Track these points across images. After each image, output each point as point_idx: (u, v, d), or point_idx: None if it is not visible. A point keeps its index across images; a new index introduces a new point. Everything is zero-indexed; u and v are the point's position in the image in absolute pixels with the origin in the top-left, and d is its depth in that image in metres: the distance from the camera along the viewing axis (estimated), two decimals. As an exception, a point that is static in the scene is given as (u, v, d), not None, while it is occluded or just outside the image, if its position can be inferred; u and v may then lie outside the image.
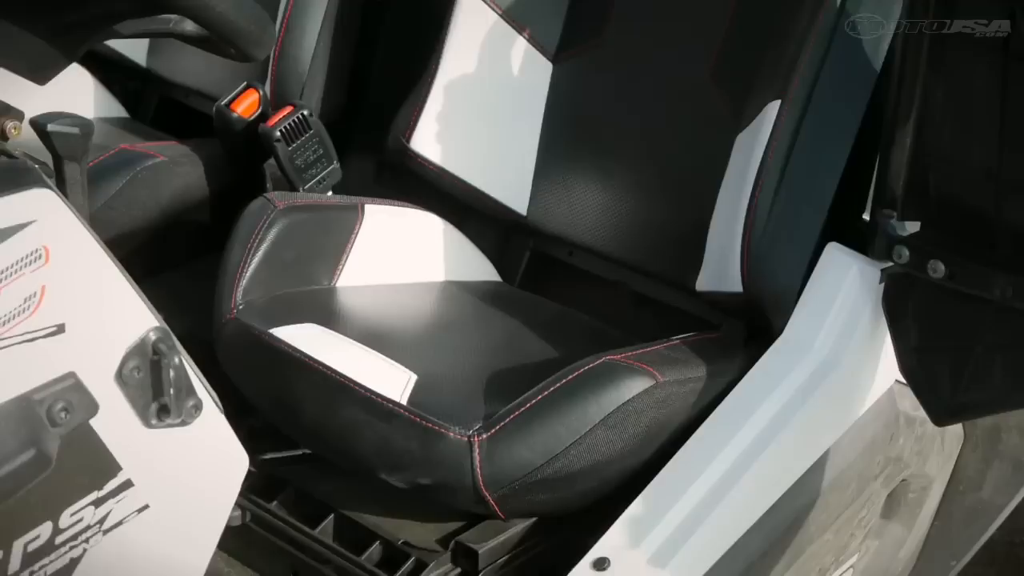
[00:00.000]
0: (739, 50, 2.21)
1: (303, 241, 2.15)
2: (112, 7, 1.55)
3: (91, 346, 1.42)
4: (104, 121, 2.78)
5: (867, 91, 2.05)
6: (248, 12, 1.52)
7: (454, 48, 2.33)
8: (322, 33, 2.53)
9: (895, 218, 1.92)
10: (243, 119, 2.36)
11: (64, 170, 1.66)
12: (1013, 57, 1.73)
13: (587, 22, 2.35)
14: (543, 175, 2.37)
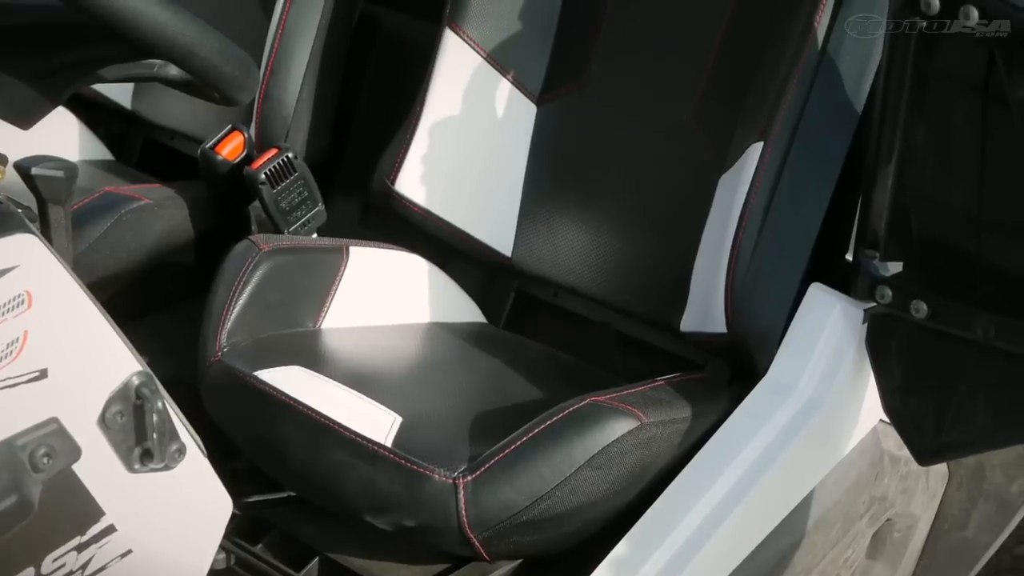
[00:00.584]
0: (722, 92, 2.22)
1: (288, 283, 2.15)
2: (97, 52, 1.55)
3: (74, 391, 1.42)
4: (89, 164, 2.78)
5: (849, 132, 2.06)
6: (232, 57, 1.52)
7: (438, 90, 2.33)
8: (307, 76, 2.53)
9: (877, 258, 1.93)
10: (228, 162, 2.36)
11: (48, 213, 1.66)
12: (992, 98, 1.74)
13: (570, 64, 2.36)
14: (527, 216, 2.37)
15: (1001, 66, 1.70)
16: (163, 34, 1.44)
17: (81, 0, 1.40)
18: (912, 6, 1.77)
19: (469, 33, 2.33)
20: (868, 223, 1.93)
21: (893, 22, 1.82)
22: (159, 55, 1.49)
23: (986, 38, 1.71)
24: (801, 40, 2.03)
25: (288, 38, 2.52)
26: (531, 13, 2.36)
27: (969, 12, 1.71)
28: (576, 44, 2.36)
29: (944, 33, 1.76)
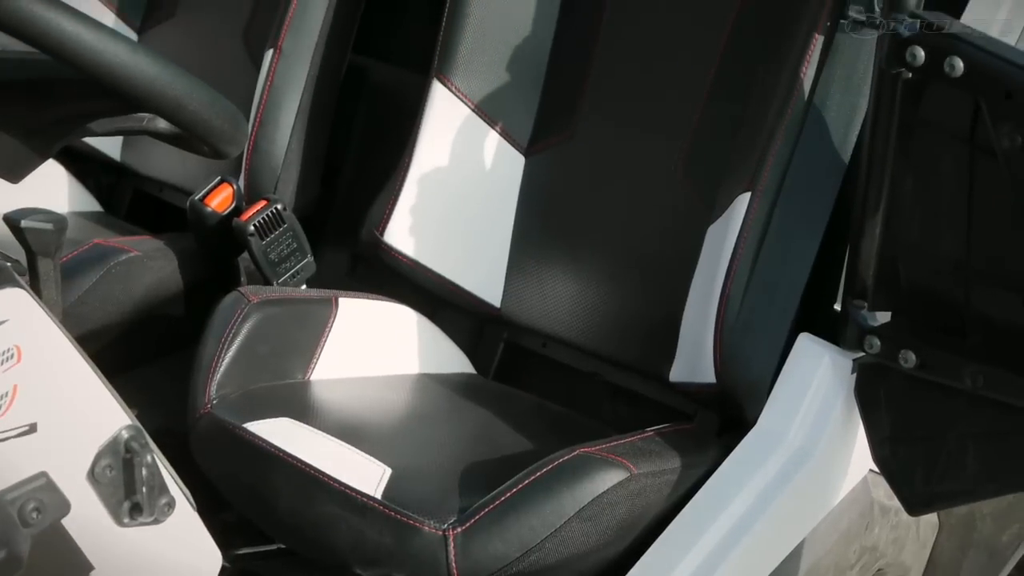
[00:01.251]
0: (709, 143, 2.23)
1: (277, 335, 2.15)
2: (86, 106, 1.56)
3: (63, 445, 1.42)
4: (78, 215, 2.78)
5: (836, 182, 2.07)
6: (221, 110, 1.53)
7: (427, 142, 2.34)
8: (295, 128, 2.54)
9: (866, 308, 1.93)
10: (217, 213, 2.37)
11: (37, 266, 1.66)
12: (979, 148, 1.74)
13: (558, 116, 2.37)
14: (516, 267, 2.38)
15: (987, 116, 1.71)
16: (152, 88, 1.45)
17: (70, 54, 1.41)
18: (898, 57, 1.78)
19: (457, 85, 2.34)
20: (856, 273, 1.93)
21: (879, 73, 1.83)
22: (148, 109, 1.49)
23: (972, 89, 1.72)
24: (788, 91, 2.04)
25: (276, 90, 2.53)
26: (519, 65, 2.37)
27: (954, 63, 1.72)
28: (564, 95, 2.37)
29: (930, 84, 1.77)
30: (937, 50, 1.74)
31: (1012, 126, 1.68)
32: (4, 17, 1.38)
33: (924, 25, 1.78)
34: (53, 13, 1.39)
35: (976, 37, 1.75)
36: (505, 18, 2.37)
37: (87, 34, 1.40)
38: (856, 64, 2.06)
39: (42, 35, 1.39)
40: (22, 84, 1.54)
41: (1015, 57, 1.71)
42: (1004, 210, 1.76)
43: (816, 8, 2.05)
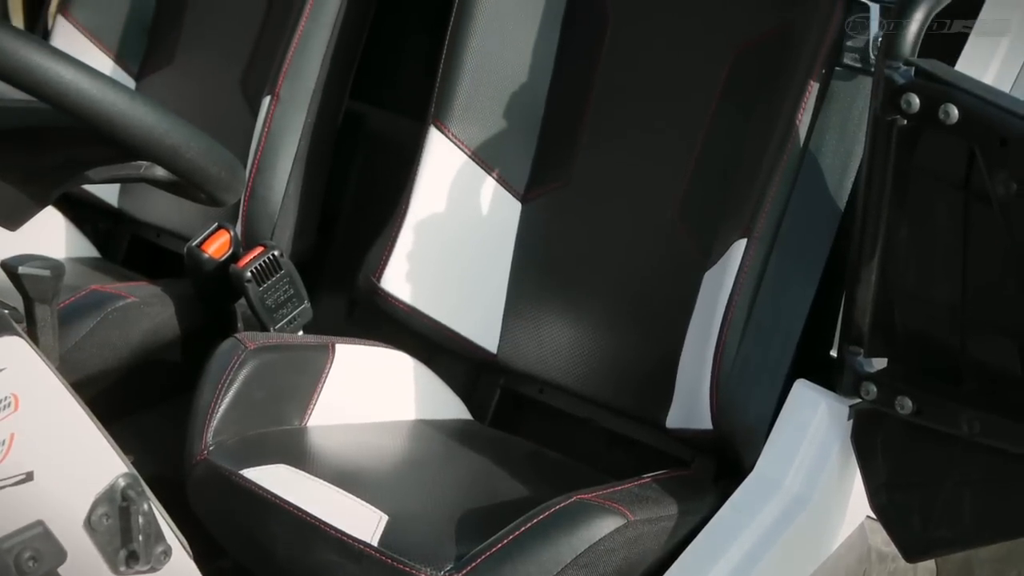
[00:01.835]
0: (705, 189, 2.23)
1: (274, 381, 2.15)
2: (84, 154, 1.56)
3: (60, 493, 1.42)
4: (75, 261, 2.78)
5: (832, 229, 2.07)
6: (219, 158, 1.53)
7: (424, 188, 2.35)
8: (293, 173, 2.55)
9: (862, 354, 1.93)
10: (214, 260, 2.37)
11: (35, 312, 1.66)
12: (973, 195, 1.75)
13: (554, 162, 2.38)
14: (513, 313, 2.38)
15: (982, 163, 1.72)
16: (150, 136, 1.45)
17: (69, 103, 1.41)
18: (893, 104, 1.79)
19: (454, 131, 2.35)
20: (852, 319, 1.93)
21: (874, 120, 1.83)
22: (146, 157, 1.49)
23: (967, 136, 1.73)
24: (784, 137, 2.04)
25: (274, 137, 2.53)
26: (515, 111, 2.38)
27: (949, 110, 1.73)
28: (560, 142, 2.38)
29: (925, 131, 1.78)
30: (932, 97, 1.75)
31: (1007, 173, 1.69)
32: (3, 66, 1.38)
33: (919, 72, 1.79)
34: (52, 62, 1.39)
35: (971, 84, 1.76)
36: (502, 65, 2.38)
37: (86, 83, 1.41)
38: (851, 110, 2.07)
39: (41, 84, 1.39)
40: (21, 132, 1.54)
41: (1010, 104, 1.72)
42: (999, 256, 1.76)
43: (812, 55, 2.06)
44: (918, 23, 1.82)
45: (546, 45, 2.41)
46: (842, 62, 2.05)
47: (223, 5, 2.83)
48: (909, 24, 1.82)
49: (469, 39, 2.36)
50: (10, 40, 1.38)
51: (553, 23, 2.41)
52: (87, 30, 2.90)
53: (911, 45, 1.82)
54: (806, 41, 2.08)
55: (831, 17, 2.04)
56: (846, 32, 2.04)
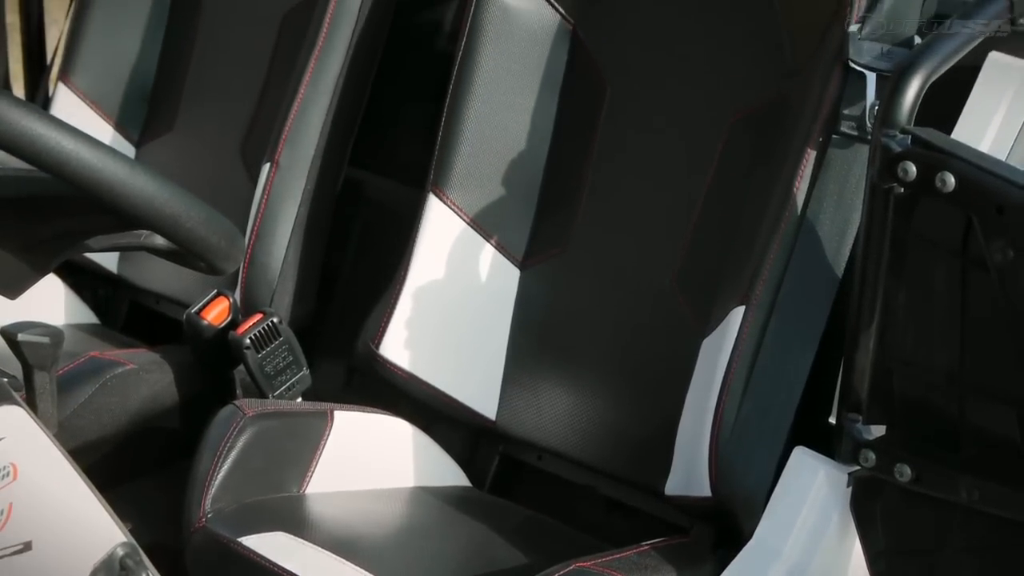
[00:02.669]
0: (703, 256, 2.24)
1: (272, 448, 2.15)
2: (84, 223, 1.57)
3: (58, 563, 1.42)
4: (74, 328, 2.79)
5: (830, 296, 2.08)
6: (218, 228, 1.54)
7: (422, 254, 2.36)
8: (292, 240, 2.55)
9: (860, 421, 1.93)
10: (213, 327, 2.37)
11: (34, 379, 1.66)
12: (971, 263, 1.75)
13: (553, 229, 2.39)
14: (512, 380, 2.38)
15: (979, 231, 1.72)
16: (150, 206, 1.45)
17: (69, 173, 1.42)
18: (890, 172, 1.79)
19: (452, 198, 2.36)
20: (851, 386, 1.93)
21: (871, 188, 1.84)
22: (146, 226, 1.50)
23: (963, 204, 1.74)
24: (781, 205, 2.05)
25: (273, 204, 2.54)
26: (514, 179, 2.39)
27: (946, 179, 1.74)
28: (559, 209, 2.39)
29: (922, 199, 1.79)
30: (928, 166, 1.76)
31: (1004, 241, 1.69)
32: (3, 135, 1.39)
33: (915, 141, 1.80)
34: (53, 131, 1.40)
35: (967, 152, 1.77)
36: (501, 132, 2.39)
37: (86, 152, 1.41)
38: (848, 178, 2.07)
39: (42, 153, 1.40)
40: (21, 201, 1.55)
41: (1006, 173, 1.72)
42: (997, 324, 1.76)
43: (809, 123, 2.07)
44: (914, 92, 1.83)
45: (544, 112, 2.43)
46: (839, 130, 2.06)
47: (223, 72, 2.85)
48: (905, 93, 1.83)
49: (468, 106, 2.38)
50: (11, 109, 1.39)
51: (551, 90, 2.43)
52: (88, 97, 2.91)
53: (907, 113, 1.83)
54: (803, 109, 2.09)
55: (828, 86, 2.06)
56: (843, 100, 2.06)
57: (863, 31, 2.04)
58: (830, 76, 2.06)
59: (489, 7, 2.39)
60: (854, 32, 2.04)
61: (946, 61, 1.88)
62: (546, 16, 2.42)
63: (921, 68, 1.85)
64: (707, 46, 2.30)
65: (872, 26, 2.04)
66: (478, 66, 2.39)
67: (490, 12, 2.40)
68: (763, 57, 2.23)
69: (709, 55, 2.30)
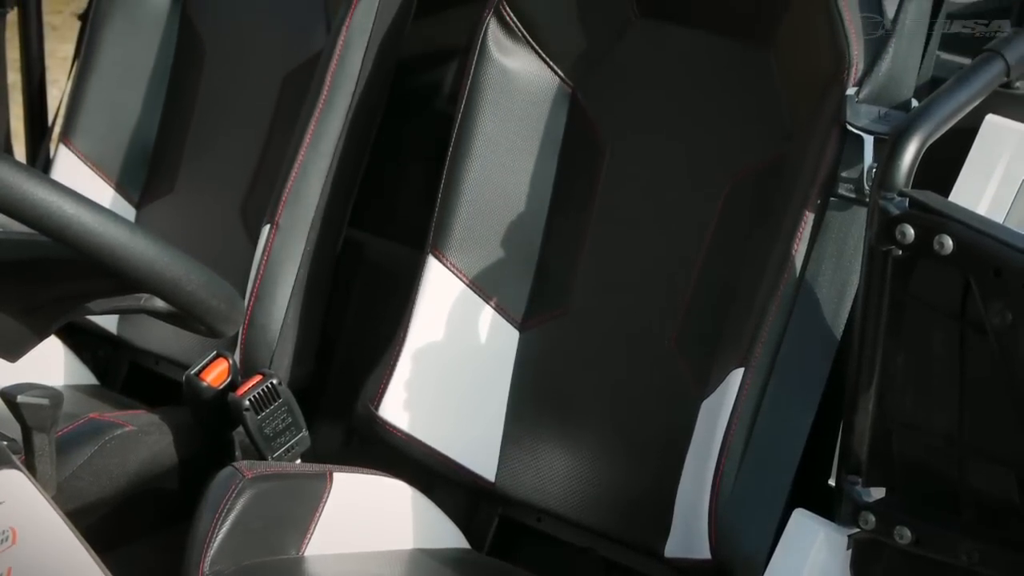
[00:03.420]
0: (702, 318, 2.24)
1: (271, 510, 2.15)
2: (84, 287, 1.57)
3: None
4: (74, 389, 2.79)
5: (829, 358, 2.08)
6: (218, 291, 1.54)
7: (422, 316, 2.36)
8: (292, 302, 2.56)
9: (860, 484, 1.93)
10: (212, 388, 2.37)
11: (33, 441, 1.67)
12: (969, 325, 1.76)
13: (552, 291, 2.39)
14: (511, 441, 2.38)
15: (976, 294, 1.73)
16: (150, 270, 1.46)
17: (71, 237, 1.42)
18: (888, 235, 1.80)
19: (452, 260, 2.37)
20: (850, 448, 1.93)
21: (869, 250, 1.85)
22: (146, 290, 1.51)
23: (961, 267, 1.74)
24: (780, 267, 2.06)
25: (273, 265, 2.55)
26: (513, 240, 2.39)
27: (943, 241, 1.74)
28: (558, 271, 2.40)
29: (920, 261, 1.79)
30: (926, 228, 1.77)
31: (1002, 304, 1.70)
32: (4, 199, 1.40)
33: (913, 203, 1.80)
34: (54, 196, 1.41)
35: (965, 215, 1.78)
36: (500, 193, 2.40)
37: (87, 216, 1.42)
38: (847, 240, 2.08)
39: (43, 217, 1.41)
40: (22, 264, 1.56)
41: (1003, 235, 1.73)
42: (995, 386, 1.76)
43: (807, 185, 2.08)
44: (911, 155, 1.84)
45: (544, 174, 2.44)
46: (837, 192, 2.07)
47: (224, 133, 2.86)
48: (903, 156, 1.84)
49: (467, 168, 2.39)
50: (11, 173, 1.39)
51: (551, 152, 2.44)
52: (89, 158, 2.92)
53: (905, 176, 1.84)
54: (801, 171, 2.10)
55: (826, 148, 2.07)
56: (841, 163, 2.06)
57: (860, 94, 2.05)
58: (828, 138, 2.07)
59: (489, 69, 2.41)
60: (851, 95, 2.05)
61: (943, 124, 1.89)
62: (545, 78, 2.43)
63: (918, 131, 1.86)
64: (706, 108, 2.32)
65: (869, 89, 2.06)
66: (478, 128, 2.40)
67: (490, 74, 2.41)
68: (761, 119, 2.24)
69: (708, 117, 2.31)
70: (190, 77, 2.94)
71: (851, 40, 2.08)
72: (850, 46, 2.08)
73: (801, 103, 2.18)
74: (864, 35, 2.09)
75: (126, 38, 2.96)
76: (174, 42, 2.98)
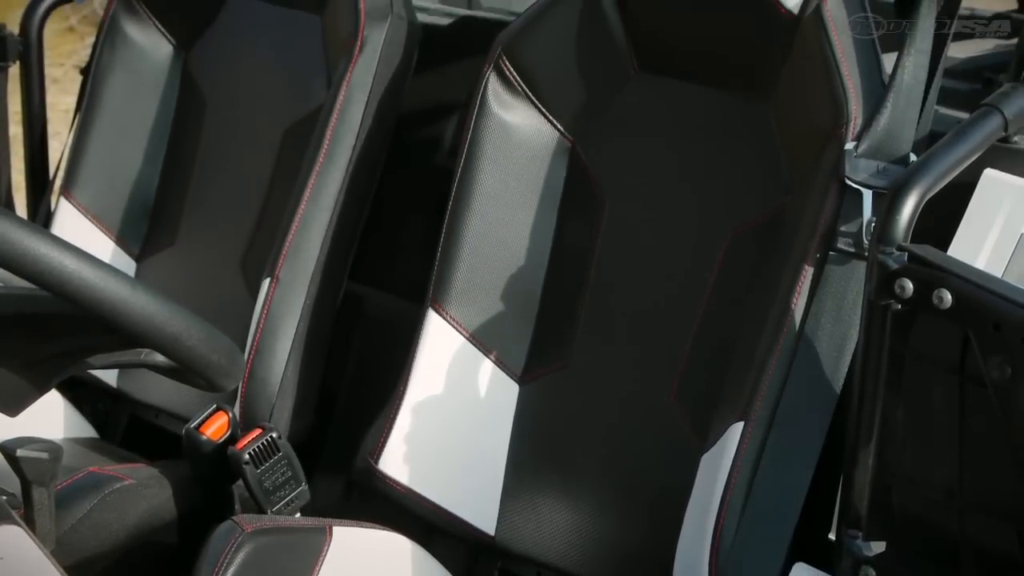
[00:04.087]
0: (702, 372, 2.25)
1: (271, 564, 2.14)
2: (85, 342, 1.58)
3: None
4: (73, 442, 2.78)
5: (829, 411, 2.08)
6: (218, 345, 1.55)
7: (422, 369, 2.36)
8: (292, 356, 2.56)
9: (860, 538, 1.92)
10: (212, 442, 2.37)
11: (32, 495, 1.66)
12: (968, 379, 1.76)
13: (552, 345, 2.40)
14: (511, 495, 2.38)
15: (976, 348, 1.73)
16: (151, 325, 1.47)
17: (71, 292, 1.43)
18: (887, 289, 1.80)
19: (452, 314, 2.37)
20: (850, 502, 1.93)
21: (868, 305, 1.85)
22: (146, 345, 1.51)
23: (960, 321, 1.75)
24: (779, 321, 2.06)
25: (273, 319, 2.55)
26: (513, 294, 2.40)
27: (942, 295, 1.75)
28: (558, 324, 2.40)
29: (919, 315, 1.79)
30: (925, 283, 1.77)
31: (1001, 358, 1.70)
32: (5, 255, 1.40)
33: (912, 258, 1.81)
34: (55, 251, 1.41)
35: (963, 269, 1.78)
36: (500, 247, 2.41)
37: (88, 272, 1.42)
38: (846, 294, 2.08)
39: (44, 273, 1.41)
40: (23, 319, 1.56)
41: (1002, 289, 1.73)
42: (995, 440, 1.76)
43: (806, 239, 2.08)
44: (910, 209, 1.85)
45: (544, 227, 2.44)
46: (836, 246, 2.07)
47: (224, 187, 2.87)
48: (901, 211, 1.84)
49: (467, 222, 2.40)
50: (12, 229, 1.40)
51: (551, 206, 2.45)
52: (89, 212, 2.93)
53: (903, 231, 1.84)
54: (800, 225, 2.11)
55: (825, 202, 2.07)
56: (839, 217, 2.07)
57: (859, 148, 2.06)
58: (827, 193, 2.07)
59: (489, 124, 2.42)
60: (850, 149, 2.06)
61: (941, 179, 1.90)
62: (545, 133, 2.44)
63: (917, 186, 1.87)
64: (705, 162, 2.33)
65: (868, 143, 2.06)
66: (478, 182, 2.41)
67: (490, 128, 2.42)
68: (761, 173, 2.25)
69: (707, 171, 2.32)
70: (191, 130, 2.95)
71: (849, 95, 2.09)
72: (848, 101, 2.08)
73: (800, 157, 2.19)
74: (862, 90, 2.10)
75: (127, 91, 2.98)
76: (175, 96, 2.99)
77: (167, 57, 2.99)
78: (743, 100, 2.29)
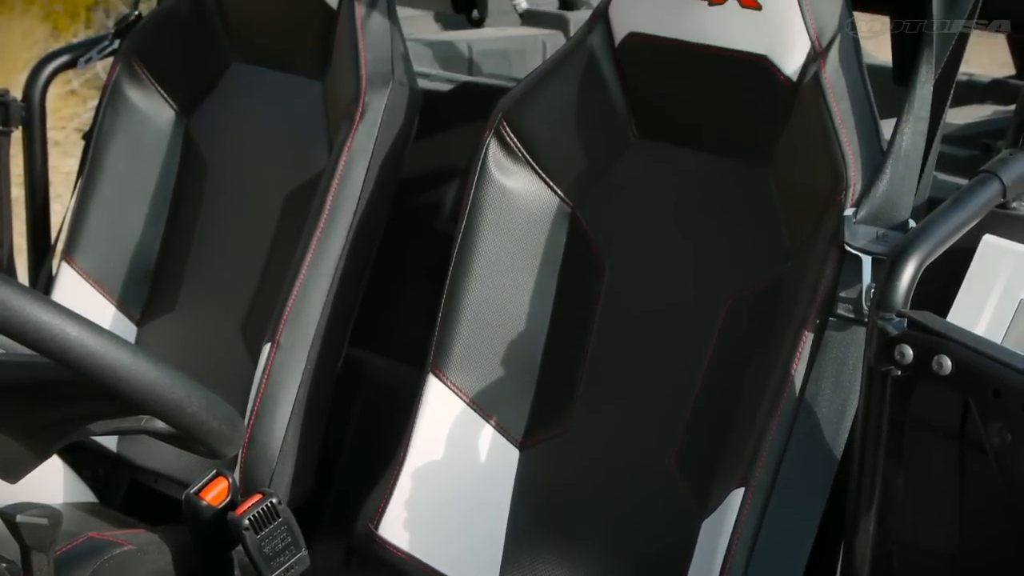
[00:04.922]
0: (702, 438, 2.24)
1: (270, 631, 2.14)
2: (85, 408, 1.58)
3: None
4: (73, 507, 2.78)
5: (829, 477, 2.07)
6: (219, 412, 1.55)
7: (422, 435, 2.36)
8: (292, 420, 2.56)
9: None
10: (212, 507, 2.36)
11: (32, 561, 1.66)
12: (969, 445, 1.76)
13: (552, 410, 2.40)
14: (511, 561, 2.37)
15: (976, 414, 1.73)
16: (152, 392, 1.47)
17: (73, 360, 1.43)
18: (887, 356, 1.81)
19: (452, 379, 2.37)
20: (851, 569, 1.92)
21: (868, 371, 1.85)
22: (147, 412, 1.51)
23: (960, 387, 1.75)
24: (779, 387, 2.06)
25: (274, 384, 2.55)
26: (514, 359, 2.40)
27: (942, 362, 1.75)
28: (558, 389, 2.40)
29: (919, 382, 1.80)
30: (925, 349, 1.77)
31: (1002, 424, 1.70)
32: (6, 322, 1.41)
33: (911, 324, 1.81)
34: (56, 319, 1.42)
35: (963, 336, 1.78)
36: (501, 313, 2.41)
37: (89, 339, 1.43)
38: (846, 360, 2.08)
39: (44, 340, 1.41)
40: (23, 386, 1.56)
41: (1002, 355, 1.74)
42: (996, 506, 1.76)
43: (806, 306, 2.08)
44: (909, 275, 1.85)
45: (544, 293, 2.45)
46: (836, 312, 2.07)
47: (225, 252, 2.88)
48: (900, 277, 1.85)
49: (468, 288, 2.40)
50: (13, 296, 1.41)
51: (551, 271, 2.45)
52: (91, 276, 2.94)
53: (903, 297, 1.84)
54: (800, 291, 2.11)
55: (824, 268, 2.07)
56: (839, 283, 2.07)
57: (858, 214, 2.06)
58: (826, 259, 2.08)
59: (489, 189, 2.43)
60: (849, 215, 2.07)
61: (940, 245, 1.91)
62: (545, 198, 2.45)
63: (916, 252, 1.87)
64: (705, 228, 2.33)
65: (867, 209, 2.07)
66: (478, 247, 2.41)
67: (490, 194, 2.43)
68: (760, 239, 2.26)
69: (707, 237, 2.33)
70: (192, 195, 2.96)
71: (848, 161, 2.10)
72: (847, 167, 2.09)
73: (799, 223, 2.20)
74: (861, 156, 2.10)
75: (129, 156, 2.99)
76: (177, 160, 3.01)
77: (169, 122, 3.01)
78: (743, 166, 2.29)
